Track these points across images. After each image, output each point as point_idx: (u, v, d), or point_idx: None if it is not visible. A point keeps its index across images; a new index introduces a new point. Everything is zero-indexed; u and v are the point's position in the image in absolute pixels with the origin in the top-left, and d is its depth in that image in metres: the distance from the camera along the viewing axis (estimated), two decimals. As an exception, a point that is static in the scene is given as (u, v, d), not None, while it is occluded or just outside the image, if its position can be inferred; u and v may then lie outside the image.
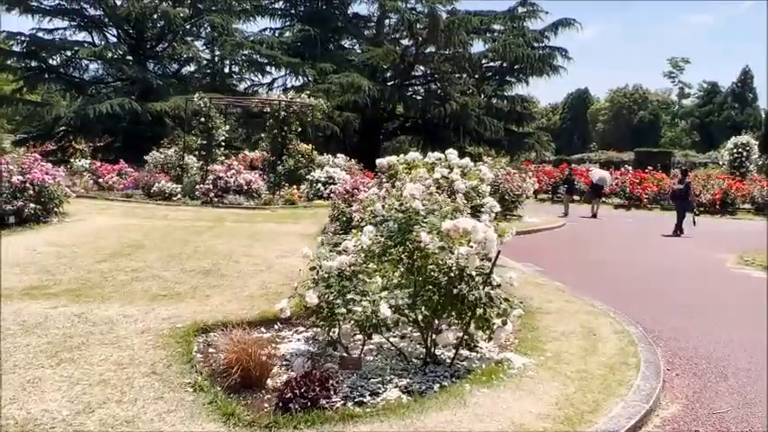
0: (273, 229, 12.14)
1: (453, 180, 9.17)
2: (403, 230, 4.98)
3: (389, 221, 5.15)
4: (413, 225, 4.96)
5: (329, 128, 36.38)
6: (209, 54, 43.34)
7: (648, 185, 26.40)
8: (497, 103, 43.69)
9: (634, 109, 79.11)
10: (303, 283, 4.85)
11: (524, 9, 40.09)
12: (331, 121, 36.61)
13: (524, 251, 12.86)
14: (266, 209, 16.31)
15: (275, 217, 14.57)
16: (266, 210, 16.17)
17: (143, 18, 36.68)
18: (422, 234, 4.64)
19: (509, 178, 17.66)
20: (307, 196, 18.12)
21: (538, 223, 17.57)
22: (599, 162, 50.85)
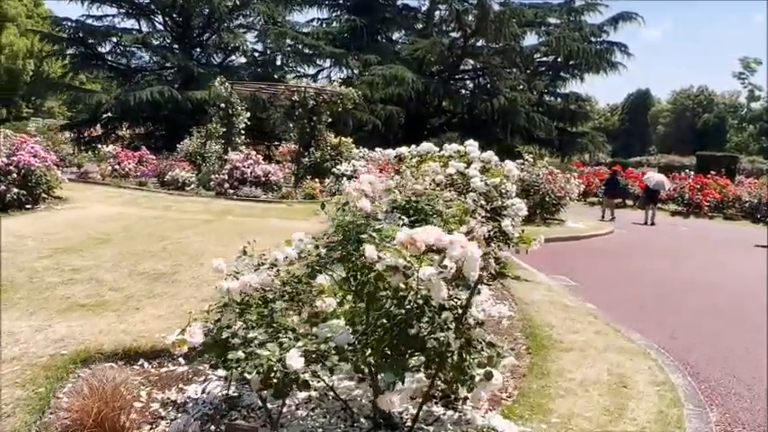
0: (277, 226, 10.90)
1: (470, 177, 7.67)
2: (349, 240, 3.59)
3: (337, 228, 3.77)
4: (361, 233, 3.56)
5: (371, 121, 35.17)
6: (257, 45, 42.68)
7: (710, 192, 24.13)
8: (550, 100, 41.60)
9: (698, 111, 75.15)
10: (217, 304, 3.54)
11: (582, 1, 37.81)
12: (373, 115, 35.41)
13: (560, 261, 11.29)
14: (282, 203, 15.14)
15: (288, 212, 13.36)
16: (282, 204, 14.99)
17: (189, 6, 36.19)
18: (366, 248, 3.22)
19: (551, 179, 15.98)
20: (330, 191, 16.87)
21: (582, 229, 15.86)
22: (658, 166, 48.13)
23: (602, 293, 8.64)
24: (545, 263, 10.85)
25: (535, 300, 6.99)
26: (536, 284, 8.04)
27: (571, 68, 38.42)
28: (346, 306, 3.76)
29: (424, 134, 42.43)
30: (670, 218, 23.13)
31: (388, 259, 3.18)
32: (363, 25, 38.62)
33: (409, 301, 3.22)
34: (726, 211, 24.19)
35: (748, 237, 18.75)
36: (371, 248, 3.20)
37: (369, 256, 3.19)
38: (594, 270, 10.77)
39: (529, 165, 16.57)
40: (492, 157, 8.43)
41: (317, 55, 38.36)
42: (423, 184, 6.64)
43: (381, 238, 3.31)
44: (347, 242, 3.55)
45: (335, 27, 41.61)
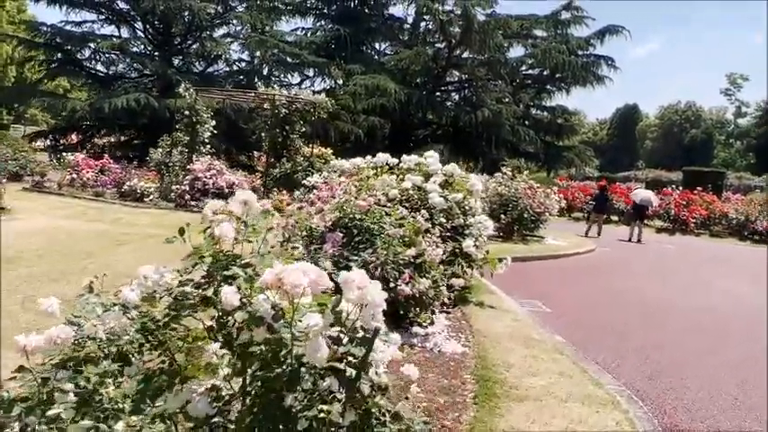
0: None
1: (429, 191, 6.87)
2: (213, 276, 2.75)
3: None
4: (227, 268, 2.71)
5: (353, 132, 34.47)
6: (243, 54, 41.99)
7: (696, 208, 23.51)
8: (536, 113, 41.09)
9: (686, 127, 75.12)
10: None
11: (568, 14, 37.38)
12: (356, 126, 34.72)
13: (535, 283, 10.51)
14: (246, 216, 14.23)
15: (248, 226, 12.47)
16: (246, 217, 14.09)
17: (169, 13, 35.42)
18: (225, 290, 2.38)
19: (530, 193, 15.22)
20: (299, 203, 16.01)
21: (562, 247, 15.09)
22: (645, 181, 47.71)
23: (576, 321, 7.85)
24: (518, 285, 10.06)
25: (497, 332, 6.18)
26: (502, 312, 7.23)
27: (557, 81, 37.93)
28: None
29: (409, 146, 41.76)
30: (656, 235, 22.46)
31: (254, 305, 2.35)
32: (348, 35, 38.02)
33: (283, 360, 2.39)
34: (712, 228, 23.58)
35: (735, 255, 18.11)
36: (231, 291, 2.38)
37: (226, 302, 2.36)
38: (571, 293, 9.98)
39: (507, 179, 15.83)
40: (455, 170, 7.65)
41: (300, 64, 37.66)
42: (368, 200, 5.85)
43: (249, 277, 2.47)
44: (212, 279, 2.71)
45: (320, 36, 40.97)
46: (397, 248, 5.50)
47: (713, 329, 8.07)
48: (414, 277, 5.53)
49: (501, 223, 15.27)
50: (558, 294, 9.65)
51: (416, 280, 5.52)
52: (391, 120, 36.78)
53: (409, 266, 5.59)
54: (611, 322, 7.94)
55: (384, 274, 5.33)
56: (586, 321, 7.91)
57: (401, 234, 5.78)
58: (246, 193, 2.81)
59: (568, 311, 8.42)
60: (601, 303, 9.28)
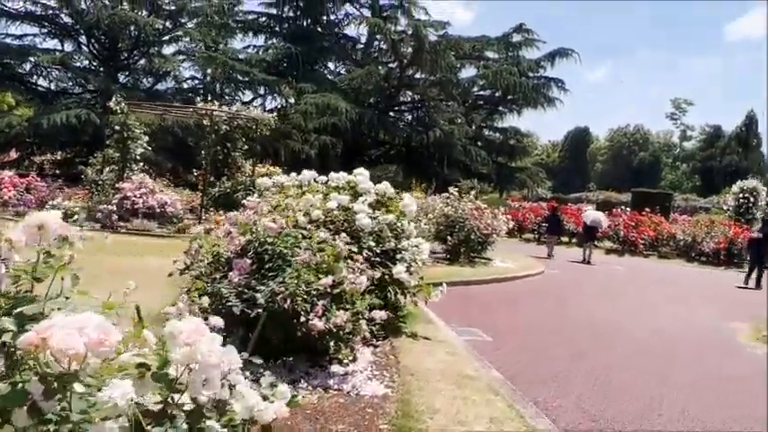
0: (147, 266, 9.26)
1: (356, 212, 6.24)
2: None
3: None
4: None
5: (304, 151, 33.85)
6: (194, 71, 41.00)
7: (645, 229, 23.54)
8: (489, 134, 41.26)
9: (634, 150, 76.80)
10: None
11: (520, 36, 37.73)
12: (307, 145, 34.13)
13: (478, 308, 9.99)
14: (178, 237, 13.40)
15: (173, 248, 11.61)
16: (178, 239, 13.25)
17: (115, 26, 34.29)
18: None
19: (477, 214, 14.77)
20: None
21: (510, 269, 14.66)
22: (596, 202, 48.22)
23: (517, 351, 7.31)
24: (460, 311, 9.53)
25: (427, 368, 5.57)
26: (437, 344, 6.63)
27: (509, 103, 38.17)
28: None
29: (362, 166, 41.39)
30: (605, 256, 22.35)
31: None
32: (300, 54, 37.56)
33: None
34: (660, 249, 23.62)
35: (682, 277, 18.00)
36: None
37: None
38: (514, 319, 9.46)
39: (454, 199, 15.37)
40: (388, 189, 7.07)
41: (250, 82, 36.98)
42: (278, 221, 5.20)
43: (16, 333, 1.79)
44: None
45: (271, 54, 40.35)
46: (309, 277, 4.85)
47: (663, 362, 7.63)
48: (329, 309, 4.89)
49: (447, 245, 14.81)
50: (501, 321, 9.12)
51: (332, 312, 4.87)
52: (344, 139, 36.33)
53: (326, 297, 4.94)
54: (554, 353, 7.43)
55: (294, 307, 4.67)
56: (528, 351, 7.38)
57: (318, 260, 5.14)
58: (43, 215, 2.13)
59: (510, 340, 7.89)
60: (544, 331, 8.78)
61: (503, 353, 7.10)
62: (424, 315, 8.08)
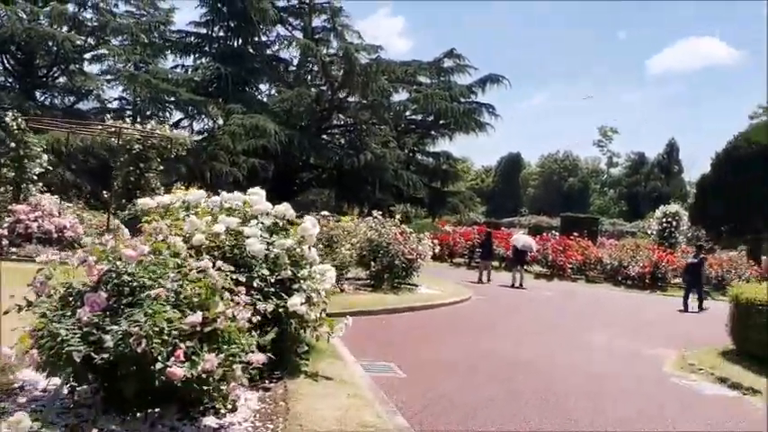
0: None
1: (247, 236, 5.50)
2: None
3: None
4: None
5: (232, 174, 32.72)
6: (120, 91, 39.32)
7: (573, 254, 23.59)
8: (422, 159, 41.14)
9: (564, 175, 78.69)
10: None
11: (451, 61, 37.95)
12: (235, 167, 33.02)
13: (397, 339, 9.35)
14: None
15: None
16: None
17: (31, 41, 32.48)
18: None
19: (402, 239, 14.20)
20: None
21: (435, 296, 14.12)
22: (528, 226, 48.81)
23: (430, 390, 6.67)
24: (377, 342, 8.87)
25: (321, 417, 4.85)
26: (339, 385, 5.92)
27: (441, 127, 38.16)
28: None
29: (293, 189, 40.57)
30: (535, 280, 22.21)
31: None
32: (229, 74, 36.52)
33: None
34: (588, 273, 23.70)
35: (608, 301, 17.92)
36: None
37: None
38: (434, 351, 8.85)
39: (378, 223, 14.79)
40: (287, 212, 6.35)
41: (176, 102, 35.69)
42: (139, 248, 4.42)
43: None
44: None
45: (200, 74, 39.20)
46: (172, 314, 4.08)
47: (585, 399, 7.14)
48: (198, 352, 4.12)
49: (371, 271, 14.19)
50: (420, 354, 8.50)
51: (201, 356, 4.10)
52: (275, 162, 35.43)
53: (193, 337, 4.17)
54: (471, 394, 6.84)
55: (150, 350, 3.88)
56: (443, 392, 6.74)
57: (189, 293, 4.38)
58: None
59: (426, 376, 7.26)
60: (464, 366, 8.18)
61: (415, 393, 6.45)
62: (333, 349, 7.38)
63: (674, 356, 9.58)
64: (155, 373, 3.89)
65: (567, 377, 7.88)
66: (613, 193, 77.68)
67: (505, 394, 6.77)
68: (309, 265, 6.37)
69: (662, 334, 12.23)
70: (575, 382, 7.65)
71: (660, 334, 12.22)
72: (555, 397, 6.82)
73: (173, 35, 40.18)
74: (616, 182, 78.48)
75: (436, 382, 7.06)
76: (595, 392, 7.20)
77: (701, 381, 8.20)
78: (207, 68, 38.66)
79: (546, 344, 10.18)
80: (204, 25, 40.19)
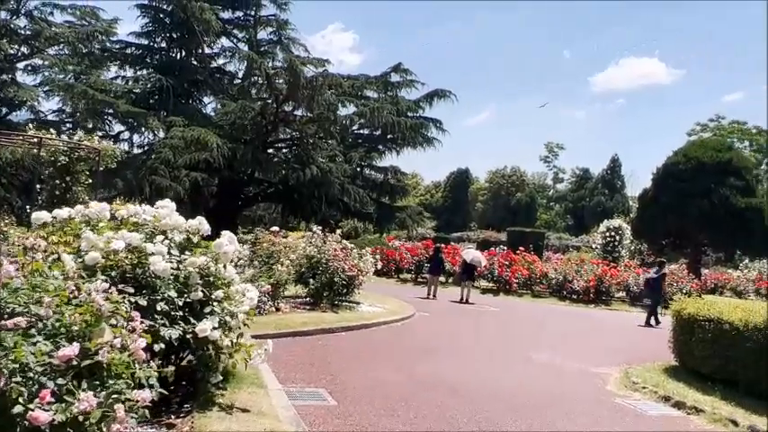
0: None
1: (151, 254, 4.90)
2: None
3: None
4: None
5: (172, 189, 31.54)
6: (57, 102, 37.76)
7: (519, 268, 23.49)
8: (370, 173, 40.73)
9: (512, 190, 79.60)
10: None
11: (398, 76, 37.79)
12: (176, 182, 31.88)
13: (331, 361, 8.79)
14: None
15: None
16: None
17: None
18: None
19: (342, 255, 13.68)
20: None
21: (377, 314, 13.63)
22: (477, 241, 48.95)
23: (362, 420, 6.15)
24: (309, 365, 8.32)
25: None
26: (255, 417, 5.36)
27: (389, 142, 37.86)
28: None
29: (239, 204, 39.61)
30: (481, 295, 21.98)
31: None
32: (171, 86, 35.40)
33: None
34: (534, 288, 23.63)
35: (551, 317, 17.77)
36: None
37: None
38: (369, 375, 8.33)
39: (318, 239, 14.23)
40: (202, 226, 5.76)
41: (113, 114, 34.40)
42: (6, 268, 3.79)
43: None
44: None
45: (140, 86, 37.99)
46: (41, 347, 3.47)
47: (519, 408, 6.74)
48: (73, 391, 3.51)
49: (310, 288, 13.61)
50: (355, 378, 7.97)
51: (76, 395, 3.50)
52: (219, 177, 34.46)
53: (67, 373, 3.57)
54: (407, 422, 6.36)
55: (9, 391, 3.27)
56: (374, 419, 6.24)
57: (68, 322, 3.77)
58: None
59: (357, 404, 6.74)
60: (400, 391, 7.68)
61: (343, 425, 5.92)
62: (257, 376, 6.80)
63: (619, 374, 9.33)
64: (13, 419, 3.28)
65: (508, 400, 7.49)
66: (559, 208, 79.03)
67: (440, 423, 6.32)
68: (227, 285, 5.80)
69: (607, 350, 12.05)
70: (515, 406, 7.26)
71: (605, 350, 12.04)
72: (492, 426, 6.40)
73: (113, 45, 38.94)
74: (562, 197, 79.95)
75: (368, 411, 6.54)
76: (536, 416, 6.82)
77: (645, 400, 7.95)
78: (148, 80, 37.48)
79: (488, 364, 9.80)
80: (146, 36, 39.02)
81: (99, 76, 37.05)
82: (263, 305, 11.65)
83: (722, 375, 8.13)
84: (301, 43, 39.59)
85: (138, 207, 5.89)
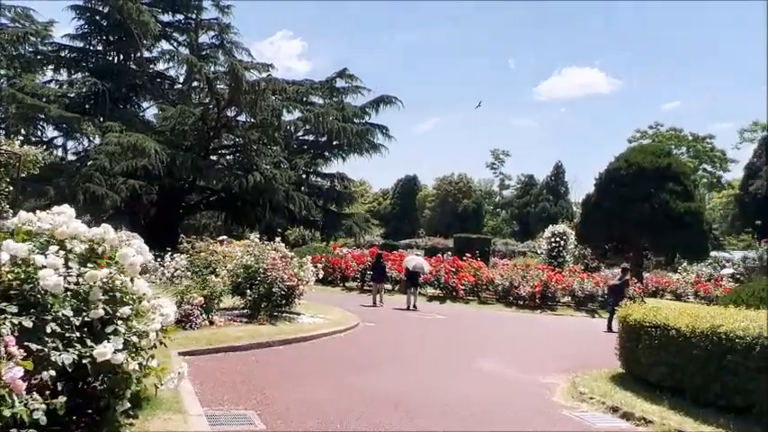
0: None
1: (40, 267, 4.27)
2: None
3: None
4: None
5: (109, 197, 30.20)
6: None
7: (465, 275, 23.26)
8: (316, 180, 40.11)
9: (459, 197, 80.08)
10: None
11: (343, 81, 37.42)
12: (113, 190, 30.52)
13: (264, 379, 8.20)
14: None
15: None
16: None
17: None
18: None
19: (281, 264, 13.06)
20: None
21: (319, 325, 13.07)
22: (425, 248, 48.84)
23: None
24: (239, 384, 7.71)
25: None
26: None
27: (335, 148, 37.41)
28: None
29: (180, 213, 38.34)
30: (428, 303, 21.65)
31: None
32: (108, 90, 33.98)
33: None
34: (480, 295, 23.44)
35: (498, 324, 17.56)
36: None
37: None
38: (305, 393, 7.76)
39: (255, 247, 13.59)
40: (107, 235, 5.11)
41: (45, 119, 32.78)
42: None
43: None
44: None
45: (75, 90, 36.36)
46: None
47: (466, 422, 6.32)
48: None
49: (247, 300, 12.95)
50: (289, 396, 7.41)
51: None
52: (159, 184, 33.25)
53: None
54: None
55: None
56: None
57: None
58: None
59: (290, 425, 6.19)
60: (338, 407, 7.17)
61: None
62: (177, 399, 6.17)
63: (566, 384, 9.04)
64: None
65: (452, 415, 7.07)
66: (505, 214, 79.94)
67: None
68: (137, 301, 5.19)
69: (554, 356, 11.81)
70: (460, 420, 6.84)
71: (553, 357, 11.79)
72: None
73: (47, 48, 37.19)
74: (508, 203, 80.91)
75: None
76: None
77: (593, 411, 7.65)
78: (83, 84, 35.93)
79: (433, 376, 9.38)
80: (81, 38, 37.47)
81: (32, 80, 35.35)
82: (196, 319, 10.98)
83: (669, 383, 7.91)
84: (245, 48, 38.78)
85: (31, 214, 5.21)
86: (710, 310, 8.62)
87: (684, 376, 7.67)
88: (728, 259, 42.90)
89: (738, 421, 6.70)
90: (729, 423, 6.66)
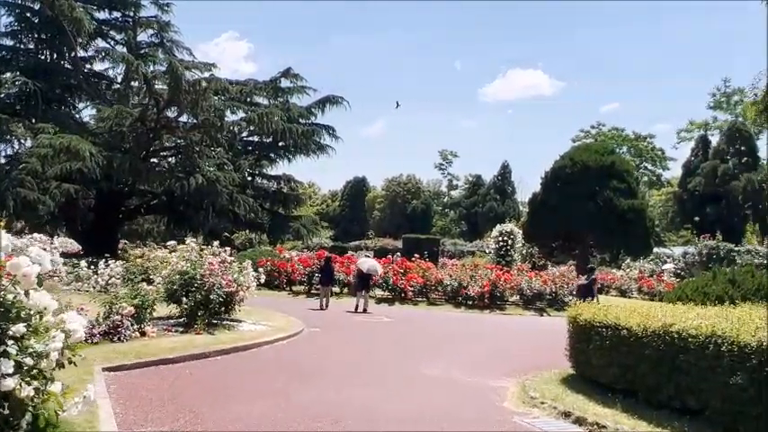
0: None
1: None
2: None
3: None
4: None
5: (41, 202, 28.69)
6: None
7: (414, 276, 22.94)
8: (261, 182, 39.21)
9: (408, 198, 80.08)
10: None
11: (288, 81, 36.70)
12: (46, 194, 29.02)
13: (195, 394, 7.59)
14: None
15: None
16: None
17: None
18: None
19: (216, 269, 12.38)
20: None
21: (260, 333, 12.46)
22: (374, 249, 48.45)
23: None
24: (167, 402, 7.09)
25: None
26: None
27: (280, 149, 36.68)
28: None
29: (119, 218, 36.89)
30: (376, 305, 21.24)
31: None
32: (40, 90, 32.29)
33: None
34: (429, 296, 23.17)
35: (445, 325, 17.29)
36: None
37: None
38: (240, 408, 7.20)
39: (194, 252, 12.89)
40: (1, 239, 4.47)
41: (-31, 120, 30.96)
42: None
43: None
44: None
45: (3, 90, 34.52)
46: None
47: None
48: None
49: (183, 308, 12.25)
50: (221, 413, 6.84)
51: None
52: (96, 188, 31.80)
53: None
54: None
55: None
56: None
57: None
58: None
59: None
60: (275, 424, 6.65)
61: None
62: (91, 421, 5.54)
63: (516, 388, 8.74)
64: None
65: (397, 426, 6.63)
66: (454, 214, 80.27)
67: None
68: (37, 317, 4.56)
69: (504, 359, 11.55)
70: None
71: (502, 359, 11.53)
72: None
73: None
74: (456, 203, 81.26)
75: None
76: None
77: (545, 417, 7.35)
78: (13, 84, 34.12)
79: (378, 384, 8.94)
80: (11, 36, 35.58)
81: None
82: (125, 330, 10.25)
83: (622, 385, 7.69)
84: (186, 47, 37.64)
85: None
86: (661, 308, 8.44)
87: (637, 377, 7.45)
88: (669, 255, 43.96)
89: (693, 423, 6.49)
90: (684, 426, 6.44)
